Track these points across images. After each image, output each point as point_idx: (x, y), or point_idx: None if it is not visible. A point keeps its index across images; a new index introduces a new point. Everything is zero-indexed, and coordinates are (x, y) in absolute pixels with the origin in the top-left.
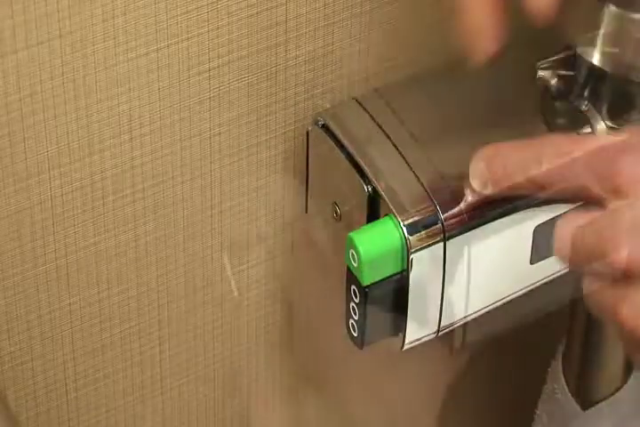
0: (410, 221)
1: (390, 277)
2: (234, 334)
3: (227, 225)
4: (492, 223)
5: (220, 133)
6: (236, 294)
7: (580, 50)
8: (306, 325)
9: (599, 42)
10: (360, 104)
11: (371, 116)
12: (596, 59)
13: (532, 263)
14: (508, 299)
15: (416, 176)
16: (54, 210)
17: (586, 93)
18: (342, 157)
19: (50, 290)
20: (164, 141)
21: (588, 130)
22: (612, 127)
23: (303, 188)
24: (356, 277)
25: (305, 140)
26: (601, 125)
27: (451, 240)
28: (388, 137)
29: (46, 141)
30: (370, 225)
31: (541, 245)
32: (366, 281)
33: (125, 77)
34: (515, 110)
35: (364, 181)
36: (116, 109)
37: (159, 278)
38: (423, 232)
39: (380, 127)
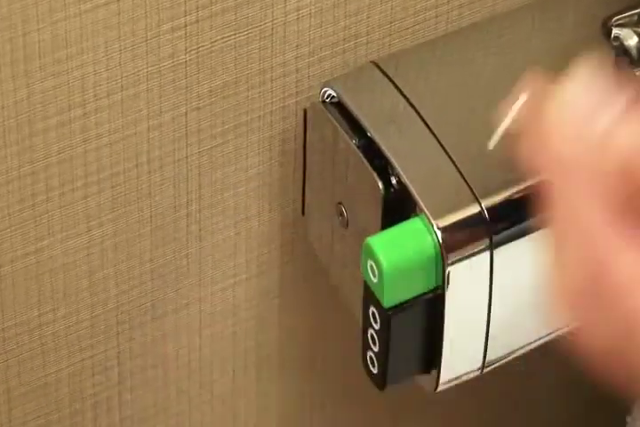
0: (446, 223)
1: (420, 296)
2: (215, 369)
3: (207, 228)
4: None
5: (198, 108)
6: None
7: None
8: (309, 360)
9: None
10: (380, 69)
11: (395, 84)
12: None
13: None
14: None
15: (454, 164)
16: None
17: None
18: (351, 141)
19: None
20: (127, 119)
21: None
22: None
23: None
24: (375, 296)
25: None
26: None
27: (499, 248)
28: (417, 112)
29: None
30: (393, 229)
31: None
32: (389, 302)
33: (77, 36)
34: None
35: (382, 174)
36: (65, 77)
37: (119, 297)
38: (463, 238)
39: (407, 99)
